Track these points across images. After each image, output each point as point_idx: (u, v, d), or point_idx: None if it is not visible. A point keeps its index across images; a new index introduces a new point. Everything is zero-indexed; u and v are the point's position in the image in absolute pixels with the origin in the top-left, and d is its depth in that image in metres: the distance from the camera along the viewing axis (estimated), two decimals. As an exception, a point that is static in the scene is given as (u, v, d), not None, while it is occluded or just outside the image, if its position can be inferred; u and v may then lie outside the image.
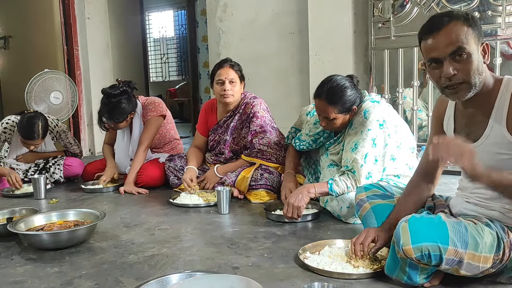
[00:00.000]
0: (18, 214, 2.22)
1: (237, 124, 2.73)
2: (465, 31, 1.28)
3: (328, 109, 2.04)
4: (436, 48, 1.30)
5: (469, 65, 1.28)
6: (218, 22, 4.00)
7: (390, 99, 3.32)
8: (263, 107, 2.70)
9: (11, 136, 3.11)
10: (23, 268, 1.67)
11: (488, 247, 1.27)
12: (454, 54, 1.28)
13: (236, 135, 2.74)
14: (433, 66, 1.33)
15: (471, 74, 1.29)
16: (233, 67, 2.68)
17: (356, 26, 3.38)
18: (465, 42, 1.28)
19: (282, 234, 1.95)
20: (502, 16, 2.87)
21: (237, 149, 2.75)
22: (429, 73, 1.37)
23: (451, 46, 1.28)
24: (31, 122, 2.92)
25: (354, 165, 2.02)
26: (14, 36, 4.96)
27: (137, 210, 2.46)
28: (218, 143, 2.81)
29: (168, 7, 9.37)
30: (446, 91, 1.34)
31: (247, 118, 2.68)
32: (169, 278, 1.38)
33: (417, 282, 1.36)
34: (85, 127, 4.73)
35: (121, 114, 2.85)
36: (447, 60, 1.29)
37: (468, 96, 1.32)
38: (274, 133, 2.66)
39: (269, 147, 2.60)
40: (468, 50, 1.28)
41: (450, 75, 1.29)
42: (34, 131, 2.92)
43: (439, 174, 1.62)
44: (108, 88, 2.86)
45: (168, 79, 9.64)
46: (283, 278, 1.49)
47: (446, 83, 1.32)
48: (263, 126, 2.63)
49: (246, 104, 2.70)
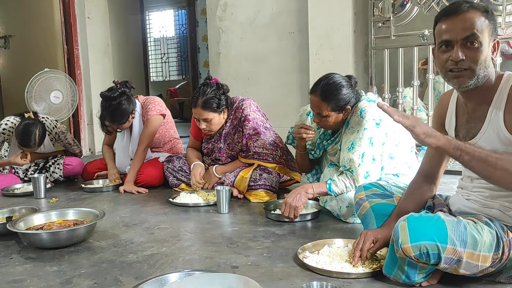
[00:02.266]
0: (18, 213, 2.22)
1: (229, 130, 2.69)
2: (482, 21, 1.29)
3: (322, 106, 2.04)
4: (450, 31, 1.31)
5: (478, 54, 1.29)
6: (218, 22, 4.01)
7: (390, 98, 3.32)
8: (253, 108, 2.64)
9: (10, 137, 3.11)
10: (23, 267, 1.67)
11: (487, 246, 1.27)
12: (467, 40, 1.29)
13: (230, 141, 2.70)
14: (443, 49, 1.34)
15: (478, 64, 1.29)
16: (204, 106, 2.50)
17: (356, 26, 3.38)
18: (479, 31, 1.28)
19: (281, 234, 1.95)
20: (502, 16, 2.87)
21: (233, 154, 2.72)
22: (436, 56, 1.38)
23: (466, 31, 1.29)
24: (28, 130, 2.92)
25: (351, 164, 2.02)
26: (15, 36, 4.97)
27: (136, 209, 2.46)
28: (212, 151, 2.78)
29: (169, 6, 9.38)
30: (448, 74, 1.34)
31: (239, 123, 2.64)
32: (168, 277, 1.38)
33: (415, 281, 1.36)
34: (85, 126, 4.74)
35: (123, 115, 2.84)
36: (458, 43, 1.30)
37: (468, 84, 1.32)
38: (268, 134, 2.62)
39: (264, 148, 2.57)
40: (480, 40, 1.29)
41: (458, 59, 1.29)
42: (30, 139, 2.93)
43: (441, 175, 1.61)
44: (107, 91, 2.84)
45: (168, 79, 9.65)
46: (282, 278, 1.49)
47: (451, 66, 1.32)
48: (255, 128, 2.60)
49: (236, 109, 2.65)
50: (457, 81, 1.33)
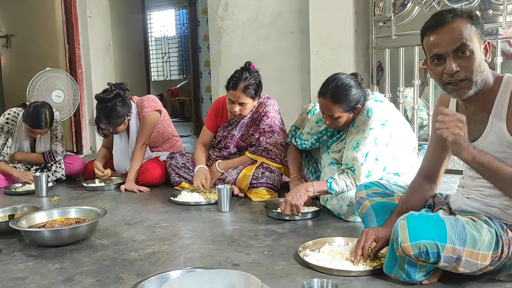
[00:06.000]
0: (20, 211, 2.23)
1: (247, 122, 2.72)
2: (469, 29, 1.29)
3: (333, 108, 2.03)
4: (439, 44, 1.30)
5: (471, 62, 1.29)
6: (219, 21, 4.01)
7: (391, 98, 3.32)
8: (275, 108, 2.69)
9: (14, 127, 3.12)
10: (25, 264, 1.68)
11: (487, 244, 1.28)
12: (458, 51, 1.29)
13: (244, 132, 2.73)
14: (435, 63, 1.34)
15: (473, 72, 1.29)
16: (246, 91, 2.52)
17: (357, 25, 3.38)
18: (468, 39, 1.28)
19: (282, 232, 1.95)
20: (503, 15, 2.87)
21: (242, 145, 2.74)
22: (431, 69, 1.38)
23: (454, 42, 1.28)
24: (37, 110, 2.97)
25: (354, 163, 2.03)
26: (16, 35, 4.97)
27: (138, 207, 2.47)
28: (225, 138, 2.79)
29: (169, 6, 9.38)
30: (448, 87, 1.34)
31: (258, 117, 2.68)
32: (170, 275, 1.39)
33: (415, 280, 1.36)
34: (87, 125, 4.74)
35: (118, 117, 2.83)
36: (450, 56, 1.29)
37: (469, 94, 1.33)
38: (282, 135, 2.66)
39: (275, 147, 2.60)
40: (471, 47, 1.28)
41: (452, 71, 1.29)
42: (41, 119, 2.96)
43: (441, 174, 1.62)
44: (101, 93, 2.84)
45: (169, 78, 9.65)
46: (283, 275, 1.50)
47: (448, 79, 1.32)
48: (272, 126, 2.63)
49: (259, 104, 2.68)
50: (457, 94, 1.34)
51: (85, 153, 4.70)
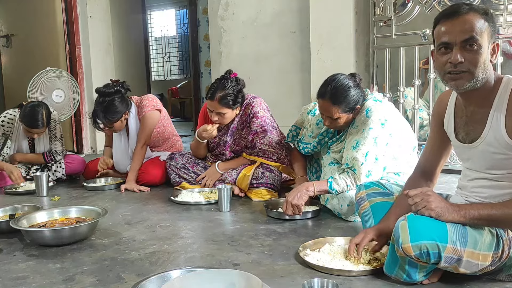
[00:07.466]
0: (21, 211, 2.24)
1: (237, 126, 2.71)
2: (481, 24, 1.29)
3: (332, 109, 2.04)
4: (449, 33, 1.31)
5: (477, 56, 1.29)
6: (220, 21, 4.01)
7: (391, 98, 3.32)
8: (262, 107, 2.67)
9: (11, 129, 3.12)
10: (26, 264, 1.68)
11: (487, 245, 1.28)
12: (466, 43, 1.29)
13: (237, 136, 2.73)
14: (442, 51, 1.34)
15: (477, 66, 1.29)
16: (221, 101, 2.50)
17: (357, 25, 3.39)
18: (479, 33, 1.28)
19: (282, 232, 1.96)
20: (503, 15, 2.87)
21: (238, 149, 2.74)
22: (435, 58, 1.38)
23: (465, 33, 1.29)
24: (34, 110, 2.95)
25: (354, 163, 2.03)
26: (17, 35, 4.97)
27: (138, 207, 2.47)
28: (218, 145, 2.79)
29: (170, 6, 9.38)
30: (446, 77, 1.34)
31: (248, 119, 2.67)
32: (170, 274, 1.39)
33: (416, 280, 1.37)
34: (87, 125, 4.74)
35: (115, 113, 2.83)
36: (457, 46, 1.30)
37: (466, 87, 1.32)
38: (275, 132, 2.65)
39: (270, 146, 2.59)
40: (480, 42, 1.28)
41: (457, 61, 1.29)
42: (37, 119, 2.95)
43: (438, 172, 1.62)
44: (102, 87, 2.85)
45: (169, 78, 9.65)
46: (283, 275, 1.50)
47: (449, 69, 1.32)
48: (263, 125, 2.62)
49: (246, 106, 2.67)
50: (455, 83, 1.33)
51: (85, 152, 4.70)
